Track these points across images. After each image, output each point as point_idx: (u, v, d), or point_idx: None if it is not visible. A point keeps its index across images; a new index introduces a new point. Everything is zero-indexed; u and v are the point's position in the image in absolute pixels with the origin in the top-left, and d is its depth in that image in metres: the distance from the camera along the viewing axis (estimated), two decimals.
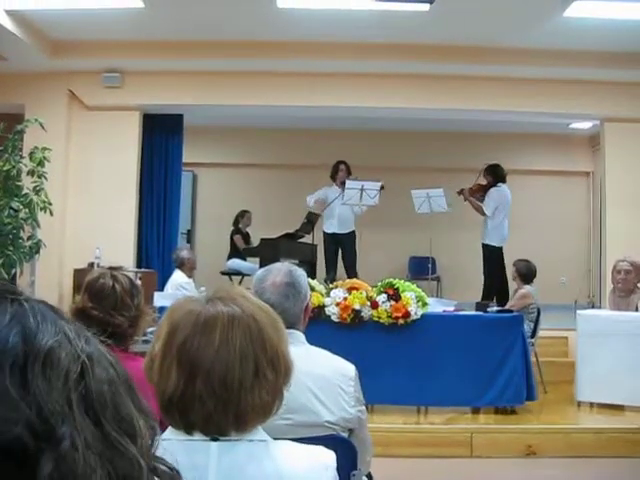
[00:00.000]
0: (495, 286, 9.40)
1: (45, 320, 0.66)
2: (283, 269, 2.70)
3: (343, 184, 9.68)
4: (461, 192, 9.70)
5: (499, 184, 9.63)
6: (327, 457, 1.52)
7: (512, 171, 12.97)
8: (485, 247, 9.58)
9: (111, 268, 2.91)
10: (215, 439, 1.45)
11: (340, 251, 10.10)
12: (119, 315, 2.72)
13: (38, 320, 0.65)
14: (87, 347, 0.67)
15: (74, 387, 0.63)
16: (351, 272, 9.48)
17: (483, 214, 9.49)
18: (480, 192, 9.65)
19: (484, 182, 9.76)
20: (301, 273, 2.74)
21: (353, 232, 9.94)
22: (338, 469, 1.55)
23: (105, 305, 2.72)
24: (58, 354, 0.64)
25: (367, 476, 2.90)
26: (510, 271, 8.17)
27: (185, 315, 1.50)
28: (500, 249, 9.55)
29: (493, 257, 9.50)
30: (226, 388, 1.44)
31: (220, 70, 9.30)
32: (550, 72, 9.07)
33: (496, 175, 9.68)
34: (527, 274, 7.88)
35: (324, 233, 10.31)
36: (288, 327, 2.55)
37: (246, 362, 1.45)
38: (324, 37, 8.61)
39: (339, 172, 10.12)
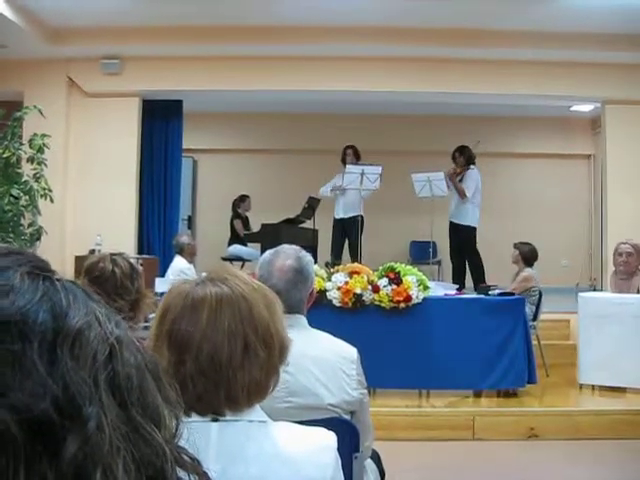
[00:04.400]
0: (476, 265, 9.53)
1: (76, 300, 0.65)
2: (292, 253, 2.67)
3: None
4: (450, 176, 9.63)
5: (471, 166, 9.62)
6: (328, 438, 1.51)
7: (513, 154, 13.03)
8: (465, 228, 9.56)
9: (112, 254, 2.91)
10: (215, 420, 1.45)
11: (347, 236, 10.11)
12: (119, 299, 2.71)
13: (69, 299, 0.65)
14: (117, 330, 0.67)
15: (102, 368, 0.63)
16: (353, 257, 9.47)
17: (464, 196, 9.47)
18: (459, 175, 9.63)
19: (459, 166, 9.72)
20: (309, 259, 2.72)
21: (358, 217, 9.82)
22: (340, 451, 1.55)
23: (105, 289, 2.70)
24: (87, 335, 0.63)
25: (374, 456, 2.90)
26: (510, 254, 8.13)
27: (176, 296, 1.52)
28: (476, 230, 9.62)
29: (472, 237, 9.58)
30: (215, 367, 1.44)
31: (219, 55, 9.27)
32: (551, 54, 9.03)
33: (469, 156, 9.65)
34: (529, 257, 7.87)
35: (334, 219, 10.33)
36: (291, 312, 2.56)
37: (234, 341, 1.46)
38: (323, 21, 8.58)
39: (347, 156, 10.10)
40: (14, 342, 0.59)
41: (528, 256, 7.88)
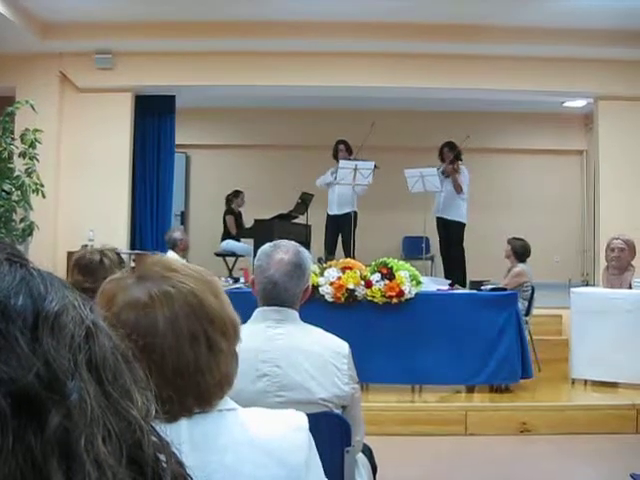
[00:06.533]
0: (459, 263, 9.61)
1: (52, 286, 0.67)
2: (291, 248, 2.69)
3: None
4: (449, 174, 9.66)
5: (459, 161, 9.69)
6: (298, 419, 1.49)
7: (506, 150, 13.04)
8: (456, 224, 9.62)
9: (101, 248, 2.93)
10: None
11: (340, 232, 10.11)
12: None
13: (46, 285, 0.67)
14: (92, 315, 0.69)
15: (80, 349, 0.65)
16: (346, 252, 9.48)
17: (460, 191, 9.53)
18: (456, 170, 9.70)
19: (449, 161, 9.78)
20: (308, 256, 2.75)
21: (352, 213, 9.76)
22: (331, 445, 1.54)
23: (96, 277, 2.70)
24: (65, 317, 0.65)
25: (366, 451, 2.91)
26: (503, 249, 8.14)
27: (124, 307, 1.40)
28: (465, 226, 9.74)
29: (462, 233, 9.69)
30: (182, 375, 1.38)
31: (212, 50, 9.25)
32: (544, 50, 9.04)
33: (457, 152, 9.71)
34: (522, 252, 7.86)
35: (327, 215, 10.32)
36: (284, 305, 2.57)
37: (197, 342, 1.40)
38: (316, 17, 8.57)
39: (339, 152, 10.10)
40: None
41: (520, 251, 7.87)
